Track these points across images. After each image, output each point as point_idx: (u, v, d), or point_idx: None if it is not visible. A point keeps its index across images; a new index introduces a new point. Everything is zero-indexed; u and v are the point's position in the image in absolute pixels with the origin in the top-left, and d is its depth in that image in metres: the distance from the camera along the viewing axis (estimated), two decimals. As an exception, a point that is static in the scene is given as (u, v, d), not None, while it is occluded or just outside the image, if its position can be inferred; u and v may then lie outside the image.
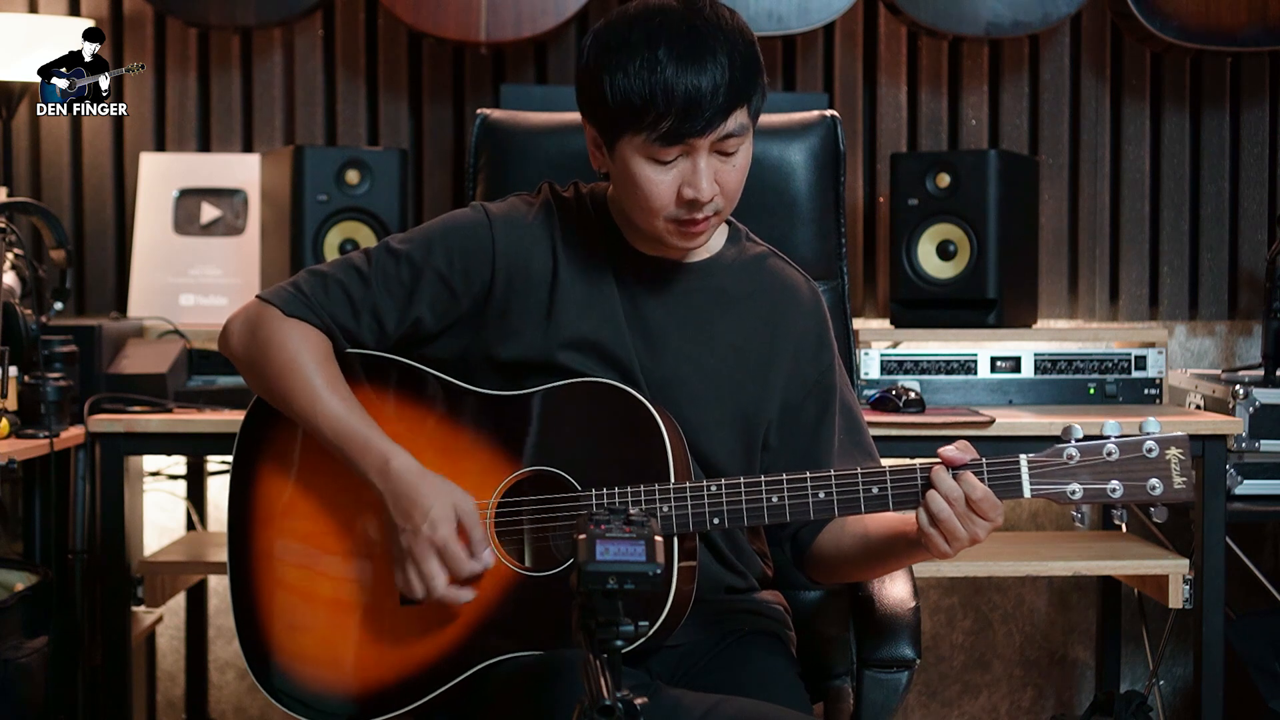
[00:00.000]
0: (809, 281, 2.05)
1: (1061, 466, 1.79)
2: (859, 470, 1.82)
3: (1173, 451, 1.78)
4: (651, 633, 1.80)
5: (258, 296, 1.95)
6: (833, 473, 1.81)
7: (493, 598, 1.87)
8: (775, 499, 1.81)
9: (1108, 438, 1.79)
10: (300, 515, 1.96)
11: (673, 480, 1.83)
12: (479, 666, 1.86)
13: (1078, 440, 1.79)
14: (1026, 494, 1.78)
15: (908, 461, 1.83)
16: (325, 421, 1.88)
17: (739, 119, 1.82)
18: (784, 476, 1.82)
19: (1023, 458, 1.79)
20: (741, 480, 1.82)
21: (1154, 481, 1.78)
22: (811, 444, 1.98)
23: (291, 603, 1.94)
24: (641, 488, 1.82)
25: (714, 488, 1.82)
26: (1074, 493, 1.79)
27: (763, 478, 1.82)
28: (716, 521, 1.82)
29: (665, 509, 1.82)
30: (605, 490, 1.84)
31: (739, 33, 1.83)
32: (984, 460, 1.79)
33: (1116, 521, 1.84)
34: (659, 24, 1.80)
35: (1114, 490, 1.78)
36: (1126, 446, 1.78)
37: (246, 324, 1.95)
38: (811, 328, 2.01)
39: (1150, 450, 1.78)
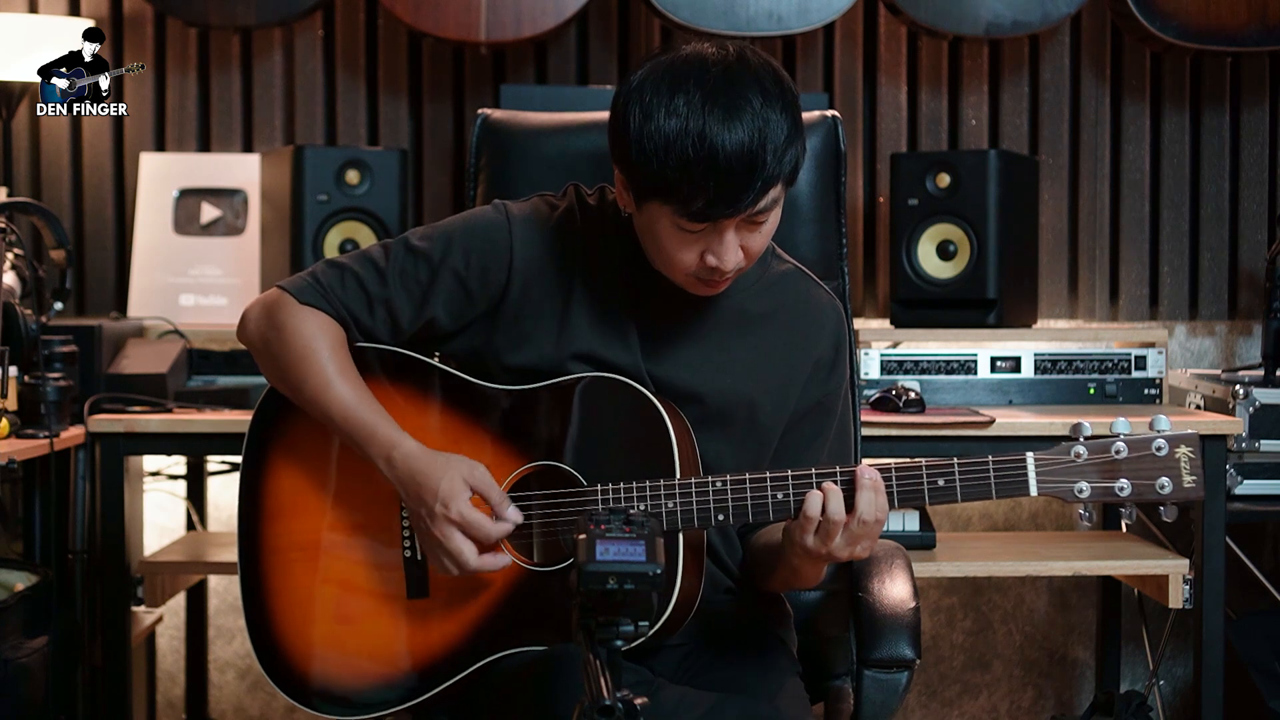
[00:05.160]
0: (835, 302, 2.03)
1: (1069, 464, 1.77)
2: (864, 464, 1.81)
3: (1183, 450, 1.76)
4: (655, 630, 1.80)
5: (276, 285, 1.96)
6: (838, 469, 1.80)
7: (500, 592, 1.87)
8: (780, 495, 1.81)
9: (1117, 435, 1.76)
10: (309, 510, 1.96)
11: (678, 475, 1.83)
12: (486, 660, 1.86)
13: (1086, 438, 1.77)
14: (1033, 492, 1.77)
15: (911, 461, 1.82)
16: (336, 408, 1.88)
17: (772, 195, 1.79)
18: (789, 472, 1.81)
19: (1029, 455, 1.78)
20: (747, 476, 1.82)
21: (1163, 480, 1.75)
22: (795, 461, 1.96)
23: (300, 598, 1.95)
24: (647, 483, 1.82)
25: (719, 483, 1.82)
26: (1081, 491, 1.77)
27: (768, 473, 1.82)
28: (721, 518, 1.81)
29: (670, 504, 1.81)
30: (611, 485, 1.84)
31: (781, 101, 1.77)
32: (990, 458, 1.78)
33: (1125, 522, 1.82)
34: (700, 97, 1.74)
35: (1122, 489, 1.76)
36: (1135, 444, 1.76)
37: (263, 311, 1.96)
38: (829, 351, 2.00)
39: (1160, 448, 1.76)
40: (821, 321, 2.00)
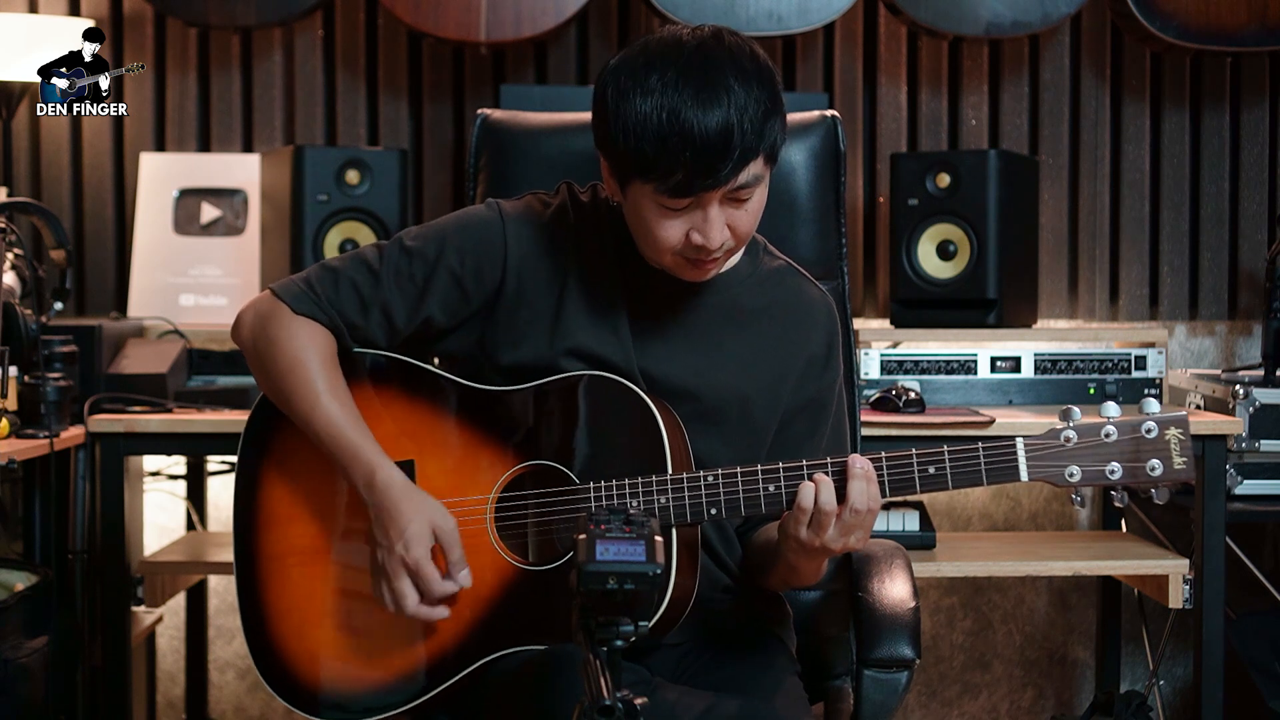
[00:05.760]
0: (826, 298, 2.04)
1: (1059, 449, 1.78)
2: (856, 457, 1.81)
3: (1172, 431, 1.77)
4: (649, 628, 1.79)
5: (270, 289, 1.96)
6: (828, 461, 1.80)
7: (494, 592, 1.87)
8: (772, 488, 1.81)
9: (1106, 419, 1.78)
10: (304, 515, 1.96)
11: (669, 471, 1.83)
12: (482, 661, 1.86)
13: (1076, 422, 1.78)
14: (1023, 477, 1.78)
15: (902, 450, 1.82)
16: (322, 425, 1.88)
17: (753, 170, 1.79)
18: (780, 465, 1.81)
19: (1019, 440, 1.78)
20: (738, 470, 1.82)
21: (1154, 462, 1.76)
22: (790, 459, 1.94)
23: (296, 601, 1.95)
24: (639, 479, 1.83)
25: (711, 478, 1.82)
26: (1072, 475, 1.78)
27: (759, 467, 1.82)
28: (714, 512, 1.82)
29: (663, 500, 1.82)
30: (603, 483, 1.84)
31: (756, 77, 1.77)
32: (980, 443, 1.79)
33: (1116, 504, 1.82)
34: (674, 74, 1.75)
35: (1113, 472, 1.77)
36: (1125, 427, 1.77)
37: (257, 318, 1.96)
38: (822, 347, 2.00)
39: (1149, 431, 1.77)
40: (814, 317, 2.00)
